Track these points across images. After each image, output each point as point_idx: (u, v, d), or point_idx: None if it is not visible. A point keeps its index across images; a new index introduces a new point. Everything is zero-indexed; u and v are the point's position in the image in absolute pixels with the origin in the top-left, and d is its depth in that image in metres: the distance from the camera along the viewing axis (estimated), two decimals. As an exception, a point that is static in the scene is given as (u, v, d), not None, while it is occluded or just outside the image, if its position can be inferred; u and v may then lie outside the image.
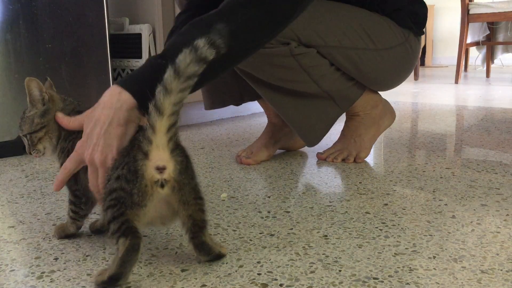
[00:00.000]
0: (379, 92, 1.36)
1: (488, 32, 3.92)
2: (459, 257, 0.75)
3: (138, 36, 1.78)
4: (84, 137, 0.74)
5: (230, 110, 2.20)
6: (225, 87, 1.38)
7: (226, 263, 0.74)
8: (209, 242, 0.72)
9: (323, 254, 0.77)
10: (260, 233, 0.85)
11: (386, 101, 1.39)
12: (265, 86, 1.22)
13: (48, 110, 0.81)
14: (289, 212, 0.96)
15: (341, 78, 1.22)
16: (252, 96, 1.40)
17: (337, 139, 1.41)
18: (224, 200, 1.04)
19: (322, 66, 1.18)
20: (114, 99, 0.73)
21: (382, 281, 0.67)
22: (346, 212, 0.95)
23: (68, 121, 0.79)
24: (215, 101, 1.42)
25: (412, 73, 3.83)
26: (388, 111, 1.39)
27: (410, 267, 0.71)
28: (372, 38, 1.21)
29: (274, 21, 0.85)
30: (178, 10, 1.77)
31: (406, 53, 1.28)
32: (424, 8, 1.30)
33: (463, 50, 3.59)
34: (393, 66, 1.28)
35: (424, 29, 1.34)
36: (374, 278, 0.68)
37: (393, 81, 1.33)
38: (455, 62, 3.76)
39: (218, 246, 0.74)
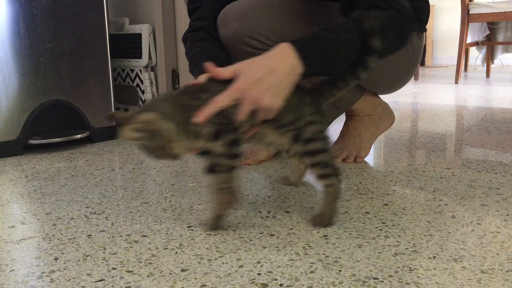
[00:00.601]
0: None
1: (488, 32, 3.92)
2: (459, 257, 0.75)
3: (138, 36, 1.78)
4: (251, 79, 0.80)
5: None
6: None
7: (226, 263, 0.74)
8: None
9: (323, 254, 0.77)
10: (260, 233, 0.85)
11: (385, 103, 1.39)
12: None
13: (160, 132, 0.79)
14: (289, 212, 0.96)
15: None
16: None
17: (336, 139, 1.41)
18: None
19: None
20: (293, 62, 0.82)
21: (382, 281, 0.67)
22: (346, 212, 0.95)
23: (222, 72, 0.83)
24: None
25: (412, 73, 3.82)
26: (387, 113, 1.39)
27: (410, 267, 0.72)
28: None
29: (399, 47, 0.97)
30: (178, 10, 1.77)
31: (408, 55, 1.28)
32: (426, 3, 1.30)
33: (463, 50, 3.59)
34: (396, 68, 1.27)
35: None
36: (374, 278, 0.68)
37: (395, 84, 1.33)
38: (455, 62, 3.76)
39: None
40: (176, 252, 0.78)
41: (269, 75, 0.80)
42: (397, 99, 2.71)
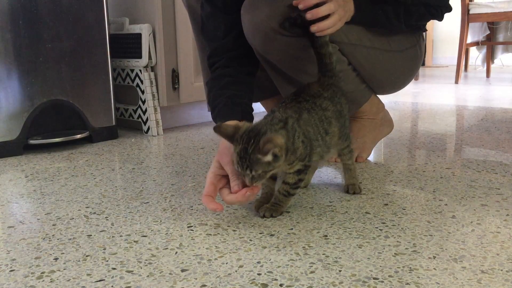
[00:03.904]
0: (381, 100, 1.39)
1: (488, 32, 3.92)
2: (459, 257, 0.75)
3: (138, 36, 1.78)
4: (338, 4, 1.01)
5: (230, 110, 2.19)
6: None
7: (226, 263, 0.74)
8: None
9: (323, 254, 0.77)
10: (260, 233, 0.85)
11: (386, 110, 1.44)
12: (282, 78, 1.22)
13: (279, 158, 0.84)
14: (289, 212, 0.96)
15: (355, 80, 1.24)
16: (254, 98, 1.40)
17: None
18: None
19: (340, 63, 1.19)
20: (352, 6, 1.08)
21: (382, 281, 0.67)
22: (346, 212, 0.95)
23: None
24: None
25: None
26: (387, 120, 1.44)
27: (410, 267, 0.71)
28: (388, 39, 1.23)
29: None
30: (178, 10, 1.77)
31: (415, 56, 1.31)
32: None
33: (463, 50, 3.59)
34: (402, 68, 1.30)
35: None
36: (374, 278, 0.68)
37: (399, 84, 1.35)
38: (455, 62, 3.76)
39: None
40: (176, 252, 0.78)
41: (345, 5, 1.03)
42: (397, 99, 2.71)
